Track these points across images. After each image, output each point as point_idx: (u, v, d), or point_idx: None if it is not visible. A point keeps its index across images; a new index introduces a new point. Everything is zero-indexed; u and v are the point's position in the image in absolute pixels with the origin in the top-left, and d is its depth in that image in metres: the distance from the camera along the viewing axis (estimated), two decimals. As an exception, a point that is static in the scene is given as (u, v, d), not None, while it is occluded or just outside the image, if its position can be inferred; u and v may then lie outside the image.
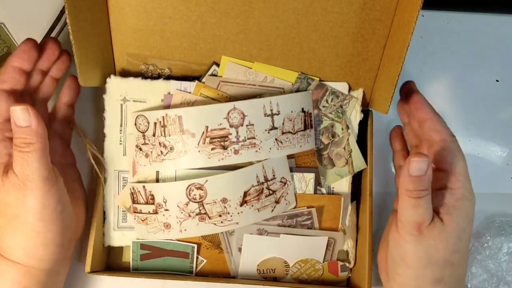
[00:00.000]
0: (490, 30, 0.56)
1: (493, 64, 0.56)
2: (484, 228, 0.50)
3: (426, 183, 0.36)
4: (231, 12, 0.44)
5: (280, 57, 0.46)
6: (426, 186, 0.37)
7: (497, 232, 0.50)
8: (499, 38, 0.56)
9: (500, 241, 0.49)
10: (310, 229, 0.46)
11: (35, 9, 0.53)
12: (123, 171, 0.46)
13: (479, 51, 0.56)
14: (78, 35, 0.39)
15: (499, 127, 0.54)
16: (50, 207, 0.37)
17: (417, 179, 0.36)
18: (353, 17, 0.44)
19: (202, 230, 0.43)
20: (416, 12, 0.37)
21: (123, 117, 0.46)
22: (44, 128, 0.37)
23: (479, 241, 0.49)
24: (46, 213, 0.37)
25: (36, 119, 0.36)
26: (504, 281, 0.49)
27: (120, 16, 0.44)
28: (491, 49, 0.56)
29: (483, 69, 0.56)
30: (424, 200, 0.37)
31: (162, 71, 0.48)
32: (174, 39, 0.45)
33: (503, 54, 0.56)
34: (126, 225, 0.47)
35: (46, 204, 0.37)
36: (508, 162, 0.53)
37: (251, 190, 0.43)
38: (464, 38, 0.56)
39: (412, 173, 0.36)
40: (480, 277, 0.49)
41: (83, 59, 0.41)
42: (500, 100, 0.55)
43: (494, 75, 0.56)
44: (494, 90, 0.55)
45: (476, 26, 0.56)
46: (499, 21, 0.57)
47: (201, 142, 0.42)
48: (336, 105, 0.47)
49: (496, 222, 0.50)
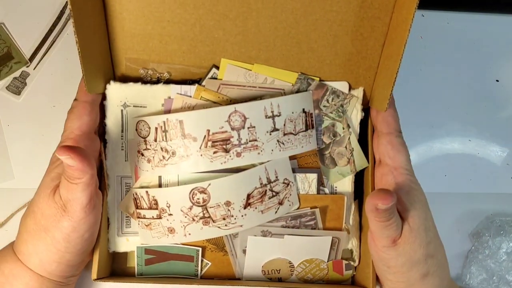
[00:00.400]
0: (490, 30, 0.56)
1: (493, 64, 0.56)
2: (484, 228, 0.50)
3: (392, 210, 0.38)
4: (229, 14, 0.44)
5: (279, 57, 0.46)
6: (393, 211, 0.38)
7: (497, 232, 0.50)
8: (499, 38, 0.56)
9: (500, 240, 0.49)
10: (314, 229, 0.46)
11: (35, 9, 0.53)
12: (126, 176, 0.46)
13: (479, 51, 0.56)
14: (83, 43, 0.39)
15: (499, 127, 0.55)
16: (79, 232, 0.40)
17: (384, 211, 0.38)
18: (352, 16, 0.44)
19: (207, 234, 0.43)
20: (413, 9, 0.37)
21: (124, 123, 0.46)
22: (91, 166, 0.38)
23: (479, 241, 0.50)
24: (73, 237, 0.40)
25: (81, 161, 0.37)
26: (504, 281, 0.49)
27: (118, 21, 0.44)
28: (491, 49, 0.56)
29: (483, 69, 0.56)
30: (392, 220, 0.39)
31: (161, 75, 0.47)
32: (173, 42, 0.45)
33: (503, 54, 0.56)
34: (130, 230, 0.47)
35: (77, 229, 0.40)
36: (508, 162, 0.54)
37: (255, 192, 0.43)
38: (464, 38, 0.56)
39: (379, 208, 0.37)
40: (480, 276, 0.49)
41: (88, 67, 0.41)
42: (500, 100, 0.55)
43: (494, 75, 0.56)
44: (494, 90, 0.55)
45: (476, 26, 0.56)
46: (499, 21, 0.57)
47: (203, 146, 0.42)
48: (336, 104, 0.47)
49: (496, 222, 0.51)
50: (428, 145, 0.54)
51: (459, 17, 0.56)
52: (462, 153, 0.53)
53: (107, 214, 0.46)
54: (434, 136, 0.54)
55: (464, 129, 0.54)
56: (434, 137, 0.54)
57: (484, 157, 0.54)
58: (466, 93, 0.55)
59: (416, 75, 0.54)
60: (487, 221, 0.51)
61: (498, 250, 0.49)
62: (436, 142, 0.54)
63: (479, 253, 0.49)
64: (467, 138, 0.54)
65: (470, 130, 0.54)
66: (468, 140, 0.54)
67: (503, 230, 0.50)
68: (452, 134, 0.54)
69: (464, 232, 0.51)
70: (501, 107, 0.55)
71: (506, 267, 0.49)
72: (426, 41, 0.55)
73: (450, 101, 0.55)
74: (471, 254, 0.50)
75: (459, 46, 0.56)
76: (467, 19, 0.56)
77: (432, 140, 0.54)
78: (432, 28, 0.55)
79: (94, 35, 0.42)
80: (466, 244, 0.51)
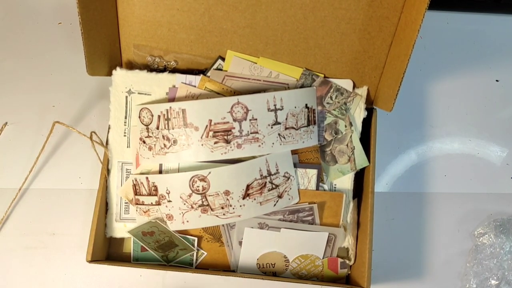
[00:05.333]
0: (490, 30, 0.56)
1: (493, 64, 0.56)
2: (485, 228, 0.50)
3: None
4: (239, 6, 0.44)
5: (286, 52, 0.46)
6: None
7: (498, 231, 0.49)
8: (499, 38, 0.56)
9: (501, 240, 0.49)
10: (311, 224, 0.46)
11: None
12: (127, 162, 0.47)
13: (479, 51, 0.56)
14: (87, 25, 0.39)
15: (499, 127, 0.54)
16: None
17: None
18: (360, 14, 0.44)
19: (204, 222, 0.43)
20: (423, 10, 0.37)
21: (128, 109, 0.46)
22: None
23: (480, 241, 0.49)
24: None
25: None
26: (505, 280, 0.49)
27: (128, 7, 0.45)
28: (491, 49, 0.56)
29: (483, 69, 0.56)
30: None
31: (168, 63, 0.48)
32: (181, 31, 0.46)
33: (503, 54, 0.56)
34: (128, 216, 0.47)
35: None
36: (508, 162, 0.53)
37: (254, 184, 0.43)
38: (464, 38, 0.56)
39: None
40: (481, 276, 0.49)
41: (91, 49, 0.41)
42: (500, 100, 0.55)
43: (494, 75, 0.56)
44: (494, 90, 0.55)
45: (476, 26, 0.56)
46: (499, 21, 0.57)
47: (204, 135, 0.42)
48: (340, 102, 0.47)
49: (497, 221, 0.50)
50: (428, 145, 0.54)
51: (459, 17, 0.56)
52: (462, 153, 0.53)
53: (106, 199, 0.47)
54: (434, 136, 0.54)
55: (464, 129, 0.54)
56: (434, 137, 0.54)
57: (484, 157, 0.54)
58: (466, 93, 0.55)
59: (416, 75, 0.54)
60: (488, 221, 0.51)
61: (499, 249, 0.49)
62: (436, 142, 0.54)
63: (480, 253, 0.49)
64: (467, 138, 0.54)
65: (470, 130, 0.54)
66: (468, 140, 0.54)
67: (505, 229, 0.50)
68: (452, 134, 0.54)
69: (464, 231, 0.51)
70: (501, 107, 0.55)
71: (508, 267, 0.49)
72: (426, 41, 0.55)
73: (450, 101, 0.55)
74: (472, 253, 0.49)
75: (459, 46, 0.56)
76: (467, 19, 0.56)
77: (432, 140, 0.54)
78: (432, 28, 0.55)
79: (102, 18, 0.42)
80: (467, 243, 0.51)
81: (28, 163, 0.51)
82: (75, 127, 0.50)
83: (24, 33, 0.56)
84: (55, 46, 0.56)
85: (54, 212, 0.51)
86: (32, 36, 0.56)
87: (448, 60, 0.55)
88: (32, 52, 0.56)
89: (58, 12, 0.56)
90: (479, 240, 0.50)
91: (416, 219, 0.51)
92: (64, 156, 0.52)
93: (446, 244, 0.42)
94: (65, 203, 0.51)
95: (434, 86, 0.55)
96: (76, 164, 0.52)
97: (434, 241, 0.51)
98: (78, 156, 0.52)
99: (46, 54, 0.55)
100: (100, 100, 0.53)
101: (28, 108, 0.54)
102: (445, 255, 0.50)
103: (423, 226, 0.51)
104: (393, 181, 0.52)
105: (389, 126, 0.51)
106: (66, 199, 0.51)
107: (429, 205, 0.49)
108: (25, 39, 0.56)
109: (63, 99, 0.54)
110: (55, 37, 0.56)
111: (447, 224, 0.51)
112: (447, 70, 0.55)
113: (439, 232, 0.42)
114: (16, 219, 0.50)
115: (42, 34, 0.56)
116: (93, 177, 0.51)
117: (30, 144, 0.52)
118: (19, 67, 0.55)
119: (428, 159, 0.53)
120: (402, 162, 0.53)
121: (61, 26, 0.56)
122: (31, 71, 0.55)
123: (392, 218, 0.52)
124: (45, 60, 0.55)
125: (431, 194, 0.41)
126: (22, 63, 0.55)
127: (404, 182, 0.52)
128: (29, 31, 0.56)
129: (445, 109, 0.54)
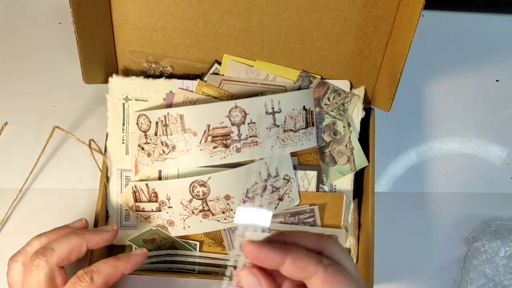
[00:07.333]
0: (490, 30, 0.56)
1: (493, 64, 0.56)
2: (480, 233, 0.50)
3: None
4: (233, 10, 0.44)
5: (282, 54, 0.46)
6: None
7: (493, 236, 0.49)
8: (499, 38, 0.57)
9: (496, 245, 0.49)
10: (312, 226, 0.46)
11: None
12: (126, 169, 0.46)
13: (479, 51, 0.56)
14: (82, 34, 0.39)
15: (499, 127, 0.55)
16: None
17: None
18: (356, 15, 0.44)
19: (206, 227, 0.43)
20: (419, 9, 0.37)
21: (125, 116, 0.46)
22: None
23: (475, 246, 0.49)
24: None
25: None
26: (501, 285, 0.49)
27: (123, 14, 0.44)
28: (491, 49, 0.56)
29: (483, 69, 0.56)
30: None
31: (164, 69, 0.48)
32: (177, 36, 0.45)
33: (503, 54, 0.56)
34: (129, 223, 0.47)
35: None
36: (508, 162, 0.54)
37: (254, 187, 0.43)
38: (464, 38, 0.56)
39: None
40: (477, 282, 0.48)
41: (87, 58, 0.41)
42: (500, 100, 0.55)
43: (494, 75, 0.56)
44: (494, 90, 0.55)
45: (476, 26, 0.56)
46: (499, 21, 0.57)
47: (203, 140, 0.42)
48: (337, 103, 0.47)
49: (492, 226, 0.50)
50: (428, 145, 0.54)
51: (459, 17, 0.56)
52: (462, 153, 0.53)
53: (106, 207, 0.46)
54: (434, 136, 0.54)
55: (464, 129, 0.54)
56: (434, 137, 0.54)
57: (484, 157, 0.54)
58: (466, 93, 0.55)
59: (416, 75, 0.54)
60: (483, 226, 0.51)
61: (495, 254, 0.49)
62: (436, 142, 0.54)
63: (476, 259, 0.49)
64: (467, 138, 0.54)
65: (470, 130, 0.54)
66: (468, 140, 0.54)
67: (499, 234, 0.50)
68: (452, 134, 0.54)
69: (464, 231, 0.51)
70: (501, 107, 0.55)
71: (504, 272, 0.49)
72: (426, 41, 0.55)
73: (450, 101, 0.55)
74: (468, 259, 0.49)
75: (459, 46, 0.56)
76: (467, 19, 0.56)
77: (432, 140, 0.54)
78: (432, 28, 0.55)
79: (96, 26, 0.42)
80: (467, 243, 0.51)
81: (28, 163, 0.51)
82: (75, 128, 0.50)
83: (24, 33, 0.56)
84: (55, 46, 0.56)
85: (54, 212, 0.50)
86: (32, 36, 0.56)
87: (448, 60, 0.55)
88: (32, 52, 0.55)
89: (58, 12, 0.56)
90: (474, 245, 0.49)
91: (416, 219, 0.51)
92: (64, 156, 0.52)
93: (446, 244, 0.42)
94: (66, 203, 0.51)
95: (434, 86, 0.55)
96: (76, 164, 0.52)
97: (434, 241, 0.51)
98: (78, 156, 0.52)
99: (46, 54, 0.55)
100: (101, 101, 0.53)
101: (28, 108, 0.54)
102: (445, 255, 0.50)
103: (423, 226, 0.51)
104: (393, 181, 0.52)
105: (389, 126, 0.51)
106: (66, 199, 0.51)
107: (429, 205, 0.49)
108: (25, 39, 0.56)
109: (63, 99, 0.54)
110: (56, 37, 0.56)
111: (447, 224, 0.51)
112: (447, 70, 0.55)
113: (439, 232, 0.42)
114: (16, 219, 0.50)
115: (42, 34, 0.56)
116: (93, 177, 0.51)
117: (31, 144, 0.52)
118: (19, 67, 0.55)
119: (428, 159, 0.53)
120: (402, 162, 0.53)
121: (61, 26, 0.56)
122: (31, 71, 0.55)
123: (392, 218, 0.52)
124: (46, 60, 0.55)
125: (431, 194, 0.41)
126: (22, 63, 0.55)
127: (404, 182, 0.52)
128: (29, 31, 0.56)
129: (445, 109, 0.54)
